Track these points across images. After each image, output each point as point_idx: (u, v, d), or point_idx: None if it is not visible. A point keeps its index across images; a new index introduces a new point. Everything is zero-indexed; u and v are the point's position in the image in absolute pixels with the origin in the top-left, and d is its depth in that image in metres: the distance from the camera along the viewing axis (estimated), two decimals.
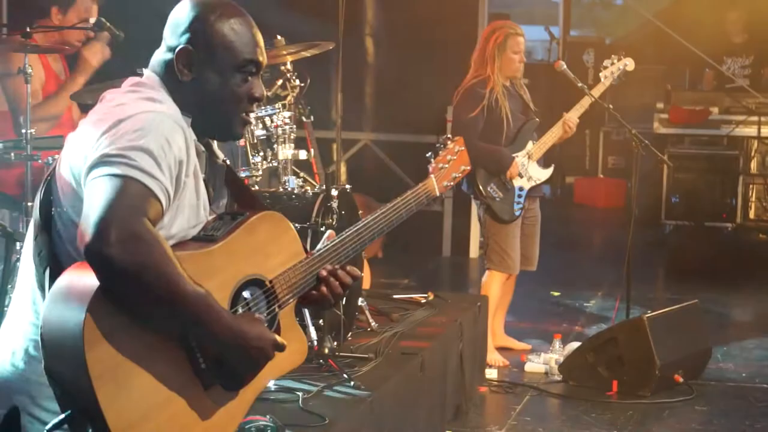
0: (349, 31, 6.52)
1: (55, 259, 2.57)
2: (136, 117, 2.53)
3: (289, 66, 6.02)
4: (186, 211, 2.63)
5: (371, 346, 5.25)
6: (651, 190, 10.59)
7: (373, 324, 5.58)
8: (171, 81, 2.70)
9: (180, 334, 2.53)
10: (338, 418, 4.23)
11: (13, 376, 2.60)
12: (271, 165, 5.62)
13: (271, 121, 5.61)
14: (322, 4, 8.78)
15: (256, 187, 5.57)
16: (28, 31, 5.63)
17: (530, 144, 6.73)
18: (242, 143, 5.54)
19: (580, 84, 6.77)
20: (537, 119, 6.80)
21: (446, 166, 3.28)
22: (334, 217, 5.14)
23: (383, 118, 10.00)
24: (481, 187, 6.63)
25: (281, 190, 5.46)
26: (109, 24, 5.91)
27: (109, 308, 2.40)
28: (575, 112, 6.77)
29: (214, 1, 2.73)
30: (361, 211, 5.38)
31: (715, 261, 9.33)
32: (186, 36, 2.69)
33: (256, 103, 2.80)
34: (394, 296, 6.41)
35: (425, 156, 3.31)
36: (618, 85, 7.03)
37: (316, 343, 4.84)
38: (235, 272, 2.67)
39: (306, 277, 2.84)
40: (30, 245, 2.64)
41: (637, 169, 6.90)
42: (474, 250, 9.77)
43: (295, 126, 5.74)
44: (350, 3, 6.43)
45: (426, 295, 6.36)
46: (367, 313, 5.60)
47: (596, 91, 6.85)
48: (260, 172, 5.59)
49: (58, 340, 2.40)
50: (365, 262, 6.05)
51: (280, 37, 6.09)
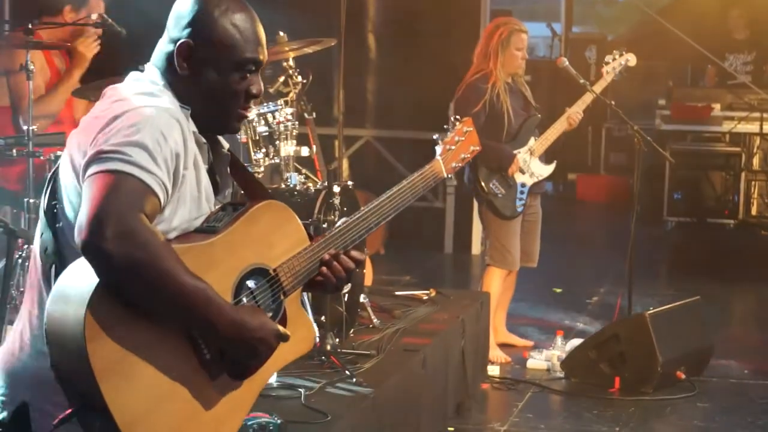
0: (350, 27, 6.53)
1: (60, 256, 2.58)
2: (130, 113, 2.53)
3: (291, 63, 6.02)
4: (187, 203, 2.63)
5: (373, 342, 5.25)
6: (653, 187, 10.60)
7: (375, 321, 5.58)
8: (170, 73, 2.70)
9: (183, 326, 2.53)
10: (340, 415, 4.23)
11: (23, 371, 2.60)
12: (273, 161, 5.62)
13: (273, 118, 5.60)
14: (325, 1, 8.79)
15: (254, 174, 5.56)
16: (31, 27, 5.63)
17: (532, 140, 6.72)
18: (244, 140, 5.53)
19: (582, 80, 6.77)
20: (539, 115, 6.79)
21: (454, 147, 3.23)
22: (336, 213, 5.13)
23: (385, 114, 10.00)
24: (483, 184, 6.62)
25: (283, 186, 5.46)
26: (110, 20, 5.90)
27: (109, 303, 2.40)
28: (578, 107, 6.76)
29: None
30: (363, 208, 5.37)
31: (717, 257, 9.33)
32: (188, 30, 2.68)
33: (254, 100, 2.79)
34: (396, 293, 6.41)
35: (432, 139, 3.26)
36: (620, 82, 7.02)
37: (318, 340, 4.84)
38: (238, 262, 2.66)
39: (311, 264, 2.83)
40: (37, 241, 2.66)
41: (639, 165, 6.89)
42: (476, 247, 9.76)
43: (297, 122, 5.74)
44: (352, 1, 6.43)
45: (428, 292, 6.35)
46: (369, 309, 5.60)
47: (598, 87, 6.84)
48: (262, 169, 5.58)
49: (61, 336, 2.41)
50: (367, 259, 6.04)
51: (282, 34, 6.09)
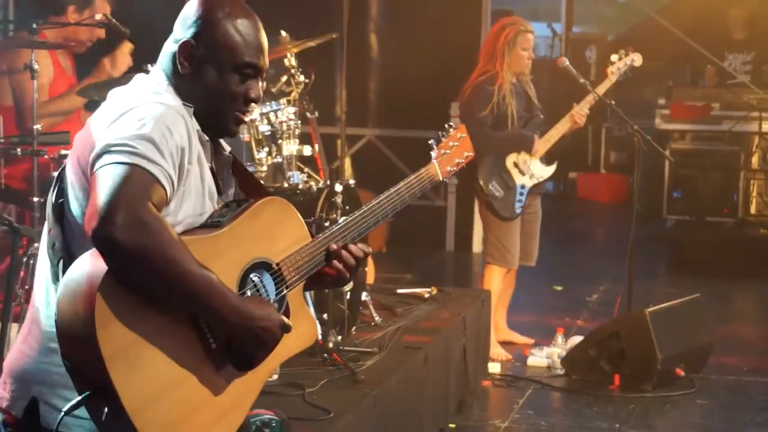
0: (353, 27, 6.52)
1: (68, 251, 2.60)
2: (137, 108, 2.57)
3: (293, 62, 6.01)
4: (192, 198, 2.66)
5: (375, 340, 5.25)
6: (653, 186, 10.58)
7: (377, 318, 5.58)
8: (174, 73, 2.73)
9: (190, 314, 2.55)
10: (343, 412, 4.23)
11: (32, 367, 2.62)
12: (275, 160, 5.62)
13: (276, 117, 5.60)
14: (327, 1, 8.79)
15: (261, 183, 5.56)
16: (35, 27, 5.63)
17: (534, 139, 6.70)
18: (247, 138, 5.53)
19: (582, 80, 6.74)
20: (541, 116, 6.76)
21: (448, 152, 3.27)
22: (339, 212, 5.13)
23: (387, 113, 9.99)
24: (483, 184, 6.61)
25: (286, 185, 5.46)
26: (115, 21, 5.90)
27: (118, 290, 2.43)
28: (584, 105, 6.72)
29: (224, 0, 2.75)
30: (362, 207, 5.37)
31: (716, 255, 9.31)
32: (191, 30, 2.72)
33: (252, 104, 2.81)
34: (398, 291, 6.40)
35: (428, 143, 3.30)
36: (620, 81, 6.99)
37: (320, 338, 4.84)
38: (242, 256, 2.69)
39: (312, 260, 2.86)
40: (44, 239, 2.69)
41: (639, 164, 6.88)
42: (477, 245, 9.76)
43: (299, 122, 5.74)
44: (354, 2, 6.42)
45: (430, 290, 6.35)
46: (371, 307, 5.60)
47: (603, 87, 6.79)
48: (265, 168, 5.58)
49: (72, 324, 2.43)
50: (369, 257, 6.03)
51: (284, 34, 6.08)
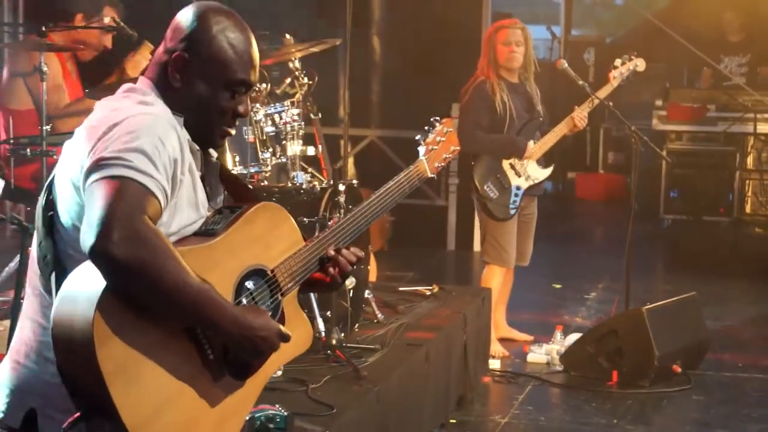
0: (356, 30, 6.52)
1: (60, 263, 2.56)
2: (128, 120, 2.52)
3: (297, 64, 6.01)
4: (185, 208, 2.62)
5: (377, 337, 5.25)
6: (650, 185, 10.58)
7: (380, 316, 5.58)
8: (163, 84, 2.67)
9: (187, 326, 2.52)
10: (345, 407, 4.23)
11: (28, 378, 2.58)
12: (280, 161, 5.61)
13: (280, 118, 5.60)
14: (330, 4, 8.79)
15: (266, 183, 5.57)
16: (44, 30, 5.64)
17: (531, 143, 6.64)
18: (252, 139, 5.53)
19: (581, 82, 6.72)
20: (540, 119, 6.72)
21: (436, 147, 3.27)
22: (342, 211, 5.13)
23: (389, 114, 9.99)
24: (478, 185, 6.59)
25: (290, 185, 5.46)
26: (122, 24, 5.91)
27: (116, 306, 2.39)
28: (584, 108, 6.64)
29: (219, 12, 2.68)
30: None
31: (712, 254, 9.31)
32: (184, 43, 2.65)
33: (240, 119, 2.78)
34: (400, 288, 6.40)
35: (415, 139, 3.31)
36: (619, 85, 6.97)
37: (324, 334, 4.84)
38: (237, 264, 2.66)
39: (307, 264, 2.84)
40: (35, 250, 2.63)
41: (636, 164, 6.88)
42: (477, 244, 9.73)
43: (303, 123, 5.73)
44: (357, 3, 6.42)
45: (431, 288, 6.34)
46: (374, 305, 5.60)
47: (604, 90, 6.69)
48: (269, 168, 5.58)
49: (69, 340, 2.39)
50: (372, 256, 6.04)
51: (288, 36, 6.08)
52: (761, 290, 8.65)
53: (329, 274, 2.88)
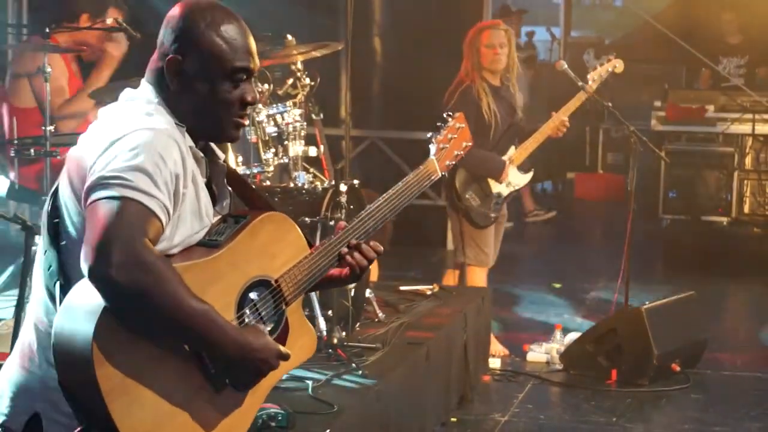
0: (357, 31, 6.50)
1: (65, 274, 2.53)
2: (128, 136, 2.48)
3: (299, 65, 6.00)
4: (188, 220, 2.58)
5: (378, 336, 5.24)
6: (649, 185, 10.56)
7: (381, 315, 5.57)
8: (164, 89, 2.63)
9: (190, 345, 2.51)
10: (347, 406, 4.23)
11: (33, 382, 2.57)
12: (282, 161, 5.60)
13: (282, 119, 5.59)
14: (332, 6, 8.78)
15: (268, 183, 5.56)
16: (47, 32, 5.64)
17: (512, 149, 6.53)
18: (254, 140, 5.52)
19: (580, 83, 6.71)
20: (521, 124, 6.59)
21: (447, 146, 3.15)
22: (343, 211, 5.12)
23: (390, 115, 9.98)
24: (459, 193, 6.46)
25: (292, 185, 5.45)
26: (125, 24, 5.91)
27: (115, 325, 2.38)
28: (563, 114, 6.50)
29: (204, 7, 2.64)
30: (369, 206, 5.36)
31: (711, 254, 9.30)
32: (176, 44, 2.61)
33: (250, 107, 2.73)
34: (401, 288, 6.38)
35: (427, 137, 3.19)
36: (617, 84, 6.96)
37: (325, 334, 4.83)
38: (241, 275, 2.64)
39: (311, 272, 2.80)
40: (39, 258, 2.61)
41: (635, 164, 6.87)
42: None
43: (305, 123, 5.72)
44: (359, 4, 6.41)
45: (431, 287, 6.33)
46: (375, 304, 5.59)
47: (584, 94, 6.57)
48: (271, 168, 5.57)
49: (69, 358, 2.39)
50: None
51: (290, 37, 6.07)
52: (759, 290, 8.64)
53: (349, 265, 2.86)
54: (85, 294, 2.40)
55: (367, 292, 5.49)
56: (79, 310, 2.40)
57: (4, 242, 6.80)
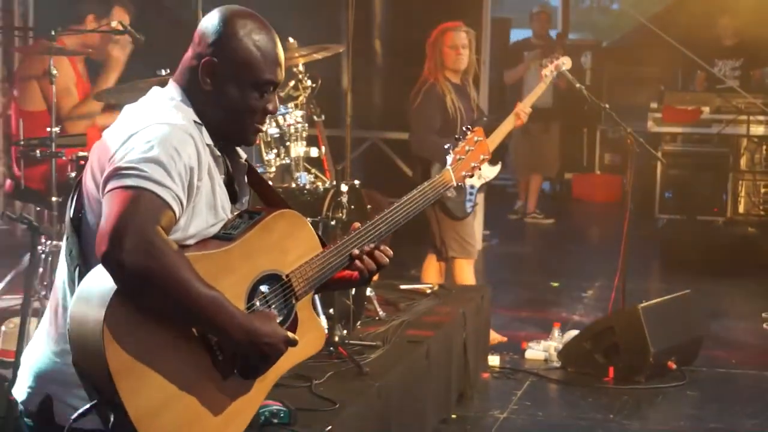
0: (358, 33, 6.51)
1: (84, 259, 2.59)
2: (146, 130, 2.55)
3: (301, 68, 6.01)
4: (203, 212, 2.64)
5: (379, 334, 5.25)
6: (645, 186, 10.57)
7: (381, 313, 5.58)
8: (192, 88, 2.70)
9: (199, 330, 2.55)
10: (348, 403, 4.23)
11: (48, 367, 2.63)
12: (284, 162, 5.61)
13: (284, 120, 5.60)
14: (333, 8, 8.78)
15: (270, 183, 5.56)
16: (53, 34, 5.64)
17: None
18: (256, 141, 5.52)
19: (578, 85, 6.72)
20: (485, 118, 6.69)
21: (464, 157, 3.25)
22: (344, 211, 5.13)
23: (390, 117, 9.98)
24: None
25: (293, 185, 5.46)
26: (129, 27, 5.91)
27: (126, 309, 2.44)
28: (528, 101, 6.61)
29: (243, 16, 2.71)
30: (369, 206, 5.37)
31: (706, 253, 9.29)
32: (213, 47, 2.68)
33: (271, 115, 2.81)
34: (401, 287, 6.39)
35: (444, 148, 3.29)
36: (614, 86, 6.96)
37: (326, 332, 4.83)
38: (252, 268, 2.68)
39: (322, 270, 2.84)
40: (64, 244, 2.68)
41: (632, 165, 6.88)
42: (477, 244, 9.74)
43: (306, 125, 5.73)
44: (359, 6, 6.41)
45: (431, 286, 6.34)
46: (375, 302, 5.60)
47: (539, 89, 6.65)
48: (273, 169, 5.58)
49: (82, 337, 2.45)
50: None
51: (292, 40, 6.08)
52: (754, 288, 8.64)
53: (359, 269, 2.89)
54: (99, 278, 2.46)
55: (368, 291, 5.50)
56: (93, 293, 2.46)
57: (10, 242, 6.82)
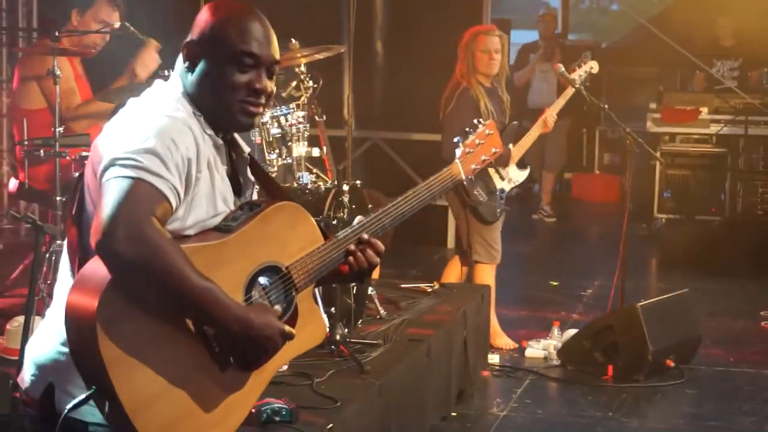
0: (359, 34, 6.50)
1: (84, 251, 2.59)
2: (143, 121, 2.55)
3: (302, 68, 6.01)
4: (203, 203, 2.62)
5: (380, 333, 5.25)
6: (644, 186, 10.57)
7: (382, 312, 5.58)
8: (183, 75, 2.71)
9: (194, 321, 2.54)
10: (349, 401, 4.23)
11: (50, 355, 2.63)
12: (285, 162, 5.61)
13: (286, 120, 5.59)
14: (334, 9, 8.78)
15: (273, 176, 5.56)
16: (57, 35, 5.64)
17: (510, 147, 6.57)
18: (258, 141, 5.53)
19: (577, 85, 6.72)
20: (516, 123, 6.66)
21: (473, 150, 3.16)
22: (345, 211, 5.13)
23: (392, 117, 9.99)
24: (468, 190, 6.46)
25: (295, 185, 5.45)
26: (132, 28, 5.90)
27: (120, 299, 2.42)
28: (554, 108, 6.67)
29: (230, 3, 2.72)
30: (370, 205, 5.37)
31: (704, 252, 9.30)
32: (193, 30, 2.70)
33: (263, 97, 2.71)
34: (402, 286, 6.39)
35: (453, 142, 3.21)
36: (613, 87, 6.96)
37: (328, 330, 4.83)
38: (251, 260, 2.65)
39: (323, 262, 2.82)
40: (66, 237, 2.69)
41: (631, 165, 6.88)
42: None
43: (308, 125, 5.73)
44: (361, 7, 6.41)
45: (432, 285, 6.34)
46: (377, 301, 5.60)
47: (568, 93, 6.72)
48: (275, 169, 5.57)
49: (77, 326, 2.44)
50: None
51: (294, 41, 6.08)
52: (751, 287, 8.64)
53: (349, 264, 2.86)
54: (95, 268, 2.45)
55: (369, 290, 5.50)
56: (89, 282, 2.45)
57: (14, 241, 6.82)
